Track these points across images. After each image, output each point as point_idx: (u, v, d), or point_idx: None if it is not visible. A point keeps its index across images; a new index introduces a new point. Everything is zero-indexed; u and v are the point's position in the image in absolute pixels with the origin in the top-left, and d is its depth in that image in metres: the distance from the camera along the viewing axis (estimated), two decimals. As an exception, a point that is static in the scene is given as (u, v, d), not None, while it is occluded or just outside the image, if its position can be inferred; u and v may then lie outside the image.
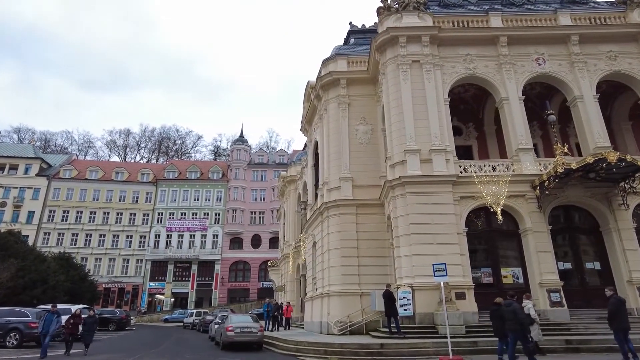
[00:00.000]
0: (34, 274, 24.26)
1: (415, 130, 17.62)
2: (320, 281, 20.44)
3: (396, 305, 14.97)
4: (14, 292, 22.36)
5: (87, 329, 14.51)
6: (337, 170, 20.80)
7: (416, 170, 16.95)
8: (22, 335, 17.18)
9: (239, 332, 15.97)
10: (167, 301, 54.67)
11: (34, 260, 25.54)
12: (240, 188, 60.16)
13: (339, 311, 18.27)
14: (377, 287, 18.17)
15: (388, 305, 14.74)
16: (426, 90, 18.37)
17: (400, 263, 16.27)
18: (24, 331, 17.25)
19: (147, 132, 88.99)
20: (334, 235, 19.63)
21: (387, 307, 14.78)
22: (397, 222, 16.79)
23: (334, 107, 22.04)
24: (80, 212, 56.26)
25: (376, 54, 20.12)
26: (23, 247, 26.59)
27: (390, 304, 14.72)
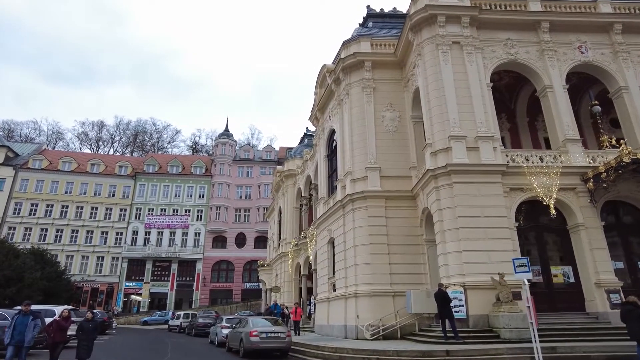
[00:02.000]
0: (8, 271, 21.20)
1: (458, 115, 16.16)
2: (341, 280, 18.61)
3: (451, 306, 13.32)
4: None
5: (84, 338, 10.23)
6: (362, 160, 19.07)
7: (462, 158, 15.47)
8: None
9: (265, 338, 13.94)
10: (144, 302, 51.26)
11: (7, 254, 22.43)
12: (225, 184, 57.45)
13: (369, 313, 16.50)
14: (410, 287, 16.64)
15: (442, 306, 13.10)
16: (468, 73, 16.98)
17: (446, 260, 14.69)
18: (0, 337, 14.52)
19: (122, 125, 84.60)
20: (361, 230, 17.86)
21: (441, 309, 13.16)
22: (441, 215, 15.23)
23: (358, 91, 20.32)
24: (51, 206, 52.04)
25: (409, 33, 18.57)
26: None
27: (445, 305, 13.08)
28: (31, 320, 9.58)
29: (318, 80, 24.59)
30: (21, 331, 9.39)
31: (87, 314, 11.03)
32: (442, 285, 13.70)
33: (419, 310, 16.03)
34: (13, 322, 9.51)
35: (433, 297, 16.04)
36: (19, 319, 9.59)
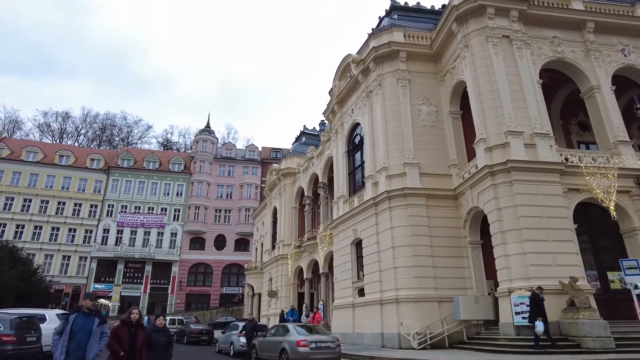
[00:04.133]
0: (-18, 268, 18.21)
1: (513, 110, 15.30)
2: (374, 285, 17.20)
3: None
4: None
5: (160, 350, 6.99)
6: (398, 155, 17.83)
7: (522, 155, 14.57)
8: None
9: (315, 348, 12.26)
10: (114, 306, 47.46)
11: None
12: (205, 183, 54.69)
13: (414, 321, 15.18)
14: (455, 292, 15.55)
15: (536, 311, 11.89)
16: (519, 68, 16.23)
17: (507, 262, 13.65)
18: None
19: (89, 118, 79.26)
20: (400, 230, 16.57)
21: (535, 314, 11.92)
22: (499, 215, 14.21)
23: (392, 82, 19.13)
24: (12, 199, 47.41)
25: (453, 24, 17.63)
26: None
27: (539, 310, 11.88)
28: (97, 325, 6.23)
29: (338, 72, 23.21)
30: (82, 342, 6.04)
31: (158, 321, 7.34)
32: (537, 287, 12.37)
33: (468, 316, 14.95)
34: (69, 327, 6.05)
35: (481, 303, 15.11)
36: (79, 321, 6.14)
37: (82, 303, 6.39)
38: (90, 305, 6.36)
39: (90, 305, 6.36)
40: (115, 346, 6.29)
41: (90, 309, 6.32)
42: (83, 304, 6.36)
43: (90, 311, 6.31)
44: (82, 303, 6.43)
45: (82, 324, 6.17)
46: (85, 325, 6.19)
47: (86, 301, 6.43)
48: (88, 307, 6.34)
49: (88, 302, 6.39)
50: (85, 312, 6.27)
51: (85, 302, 6.41)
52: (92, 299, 6.49)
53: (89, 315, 6.29)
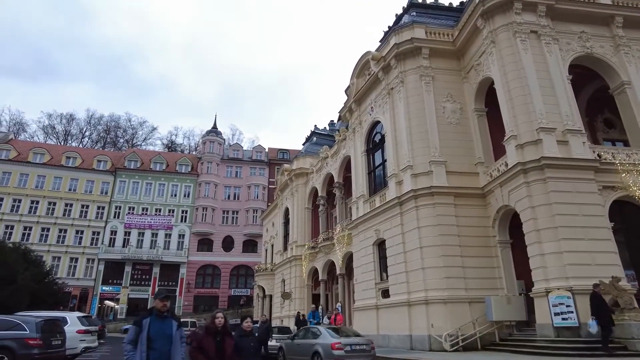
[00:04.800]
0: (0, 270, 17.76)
1: (544, 107, 14.97)
2: (401, 286, 16.83)
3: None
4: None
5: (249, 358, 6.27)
6: (423, 153, 17.50)
7: (555, 151, 14.24)
8: (14, 358, 11.53)
9: (350, 351, 11.92)
10: (121, 308, 47.11)
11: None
12: (212, 184, 54.33)
13: (445, 322, 14.82)
14: (486, 293, 15.22)
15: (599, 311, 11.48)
16: (549, 64, 15.91)
17: (543, 262, 13.29)
18: (18, 352, 11.57)
19: (93, 120, 78.99)
20: (428, 230, 16.22)
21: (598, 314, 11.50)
22: (533, 213, 13.86)
23: (415, 79, 18.81)
24: (19, 201, 47.07)
25: (479, 20, 17.30)
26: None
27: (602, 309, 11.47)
28: (176, 327, 5.38)
29: (356, 70, 22.88)
30: (163, 351, 5.13)
31: (245, 324, 6.46)
32: (598, 286, 11.98)
33: (500, 317, 14.62)
34: (145, 334, 5.09)
35: (513, 304, 14.76)
36: (156, 326, 5.20)
37: (154, 304, 5.43)
38: (162, 306, 5.34)
39: (161, 306, 5.34)
40: (200, 357, 5.50)
41: (162, 310, 5.33)
42: (154, 306, 5.40)
43: (163, 313, 5.33)
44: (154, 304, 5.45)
45: (159, 329, 5.17)
46: (163, 330, 5.20)
47: (156, 302, 5.42)
48: (160, 309, 5.33)
49: (158, 303, 5.37)
50: (158, 314, 5.31)
51: (156, 302, 5.41)
52: (162, 299, 5.40)
53: (164, 317, 5.32)
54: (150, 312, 5.38)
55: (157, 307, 5.38)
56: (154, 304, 5.44)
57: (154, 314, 5.34)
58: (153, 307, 5.41)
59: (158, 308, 5.36)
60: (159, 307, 5.37)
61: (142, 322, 5.19)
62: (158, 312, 5.33)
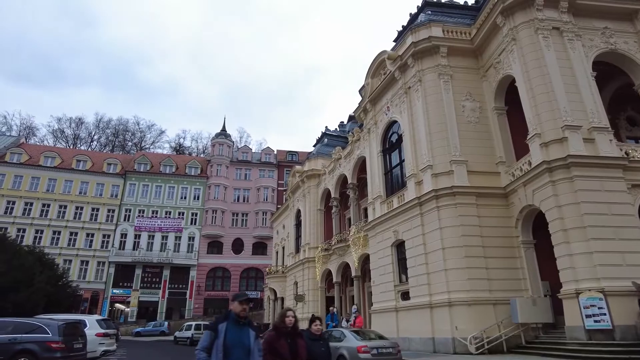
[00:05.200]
0: (18, 273, 17.73)
1: (568, 104, 14.67)
2: (422, 288, 16.55)
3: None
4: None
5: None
6: (443, 152, 17.24)
7: (581, 149, 13.92)
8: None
9: (377, 355, 11.68)
10: (132, 311, 47.08)
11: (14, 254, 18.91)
12: (222, 186, 54.26)
13: (469, 324, 14.53)
14: (510, 294, 14.92)
15: None
16: (572, 61, 15.59)
17: (571, 262, 12.97)
18: (41, 355, 11.44)
19: (101, 124, 79.39)
20: (450, 231, 15.93)
21: None
22: (560, 212, 13.55)
23: (433, 77, 18.57)
24: (30, 204, 47.26)
25: (499, 17, 17.04)
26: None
27: None
28: (254, 337, 4.52)
29: (371, 69, 22.67)
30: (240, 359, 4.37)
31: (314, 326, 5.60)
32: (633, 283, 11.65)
33: (526, 319, 14.30)
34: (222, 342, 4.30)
35: (539, 305, 14.45)
36: (233, 333, 4.39)
37: (231, 307, 4.58)
38: (241, 310, 4.47)
39: (240, 310, 4.47)
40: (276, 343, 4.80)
41: (242, 315, 4.47)
42: (231, 309, 4.54)
43: (242, 319, 4.48)
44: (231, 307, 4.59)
45: (237, 338, 4.35)
46: (241, 340, 4.38)
47: (234, 305, 4.53)
48: (239, 314, 4.47)
49: (237, 307, 4.49)
50: (236, 320, 4.46)
51: (234, 306, 4.53)
52: (242, 301, 4.51)
53: (242, 324, 4.47)
54: (226, 316, 4.52)
55: (235, 311, 4.49)
56: (232, 307, 4.56)
57: (230, 318, 4.46)
58: (230, 311, 4.57)
59: (237, 312, 4.48)
60: (237, 311, 4.48)
61: (218, 328, 4.40)
62: (236, 317, 4.46)
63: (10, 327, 12.05)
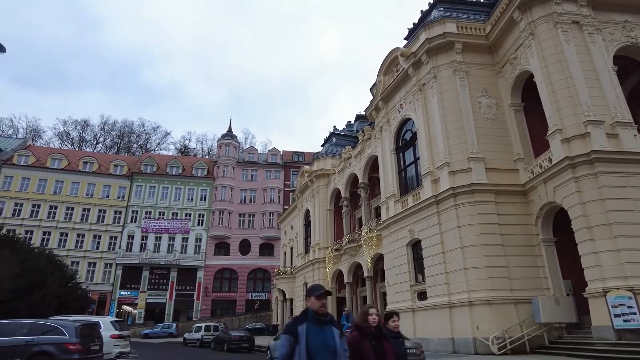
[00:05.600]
0: (31, 274, 17.56)
1: (590, 99, 14.37)
2: (440, 287, 16.26)
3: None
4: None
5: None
6: (461, 149, 16.97)
7: (604, 145, 13.62)
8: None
9: (400, 353, 11.35)
10: (139, 313, 46.93)
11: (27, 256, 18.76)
12: (228, 187, 54.10)
13: (490, 324, 14.22)
14: (532, 293, 14.61)
15: None
16: (593, 55, 15.30)
17: (597, 260, 12.66)
18: (58, 357, 11.22)
19: (107, 126, 79.48)
20: (469, 229, 15.65)
21: None
22: (584, 209, 13.26)
23: (448, 74, 18.30)
24: (38, 206, 47.25)
25: (516, 12, 16.77)
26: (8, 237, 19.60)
27: None
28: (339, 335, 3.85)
29: (383, 67, 22.42)
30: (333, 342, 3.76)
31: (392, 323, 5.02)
32: None
33: (549, 319, 13.98)
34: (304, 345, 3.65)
35: (562, 305, 14.15)
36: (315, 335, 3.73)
37: (308, 304, 3.88)
38: (320, 306, 3.81)
39: (319, 306, 3.81)
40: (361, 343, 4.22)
41: (321, 312, 3.81)
42: (309, 306, 3.86)
43: (322, 316, 3.80)
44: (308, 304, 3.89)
45: (320, 339, 3.69)
46: (326, 341, 3.71)
47: (311, 300, 3.85)
48: (318, 311, 3.80)
49: (315, 303, 3.82)
50: (315, 318, 3.79)
51: (311, 302, 3.85)
52: (319, 296, 3.84)
53: (323, 323, 3.80)
54: (304, 316, 3.84)
55: (314, 308, 3.82)
56: (309, 304, 3.87)
57: (310, 318, 3.79)
58: (307, 309, 3.89)
59: (315, 309, 3.81)
60: (316, 307, 3.81)
61: (297, 330, 3.71)
62: (315, 315, 3.80)
63: (25, 328, 11.86)
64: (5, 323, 11.93)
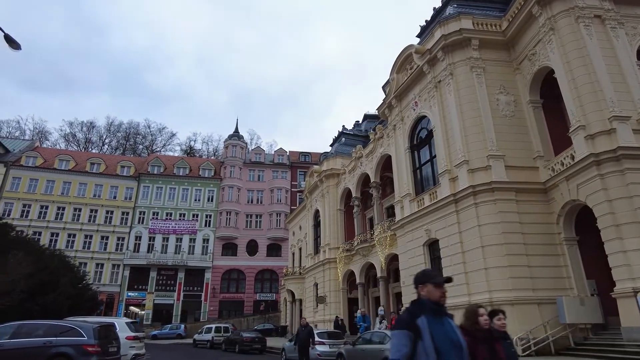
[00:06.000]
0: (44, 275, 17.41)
1: (615, 94, 14.06)
2: (460, 287, 15.85)
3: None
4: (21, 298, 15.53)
5: None
6: (479, 147, 16.67)
7: (631, 141, 13.30)
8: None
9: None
10: (147, 314, 46.79)
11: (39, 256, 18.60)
12: (235, 188, 53.93)
13: (513, 325, 13.79)
14: (555, 294, 14.26)
15: None
16: (616, 50, 15.00)
17: (626, 259, 12.34)
18: (76, 359, 11.03)
19: (112, 127, 79.55)
20: (490, 228, 15.34)
21: None
22: (610, 207, 12.94)
23: (465, 71, 18.02)
24: (46, 207, 47.24)
25: (535, 7, 16.46)
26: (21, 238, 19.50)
27: None
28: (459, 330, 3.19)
29: (396, 64, 22.16)
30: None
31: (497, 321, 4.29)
32: None
33: (574, 320, 13.66)
34: (430, 342, 2.88)
35: (587, 305, 13.82)
36: (439, 330, 2.95)
37: (422, 293, 3.11)
38: (440, 295, 3.08)
39: (440, 295, 3.08)
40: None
41: (442, 302, 3.09)
42: (424, 296, 3.09)
43: (442, 307, 3.09)
44: (422, 293, 3.12)
45: (445, 335, 2.96)
46: (450, 336, 2.99)
47: (428, 289, 3.08)
48: (438, 301, 3.07)
49: (434, 291, 3.07)
50: (434, 309, 3.04)
51: (427, 290, 3.09)
52: (439, 283, 3.09)
53: (442, 315, 3.07)
54: (419, 306, 3.06)
55: (432, 297, 3.07)
56: (423, 293, 3.11)
57: (427, 309, 3.02)
58: (419, 300, 3.13)
59: (435, 299, 3.07)
60: (436, 297, 3.07)
61: (417, 323, 2.95)
62: (435, 306, 3.05)
63: (42, 329, 11.70)
64: (22, 324, 11.75)
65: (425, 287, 3.11)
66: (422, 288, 3.13)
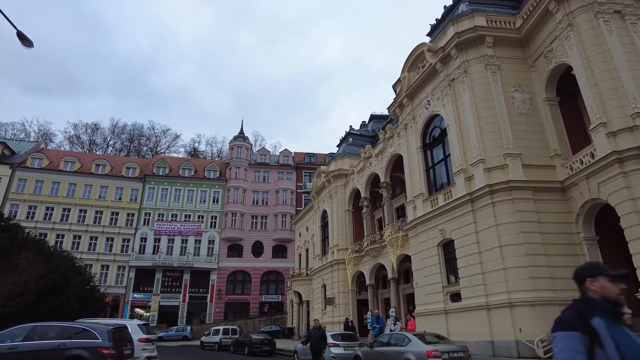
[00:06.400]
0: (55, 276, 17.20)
1: (637, 91, 13.77)
2: (476, 288, 15.67)
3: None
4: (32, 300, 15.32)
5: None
6: (495, 145, 16.40)
7: (654, 139, 13.00)
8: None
9: (448, 359, 10.83)
10: (152, 316, 46.57)
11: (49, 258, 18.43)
12: (241, 189, 53.74)
13: (533, 326, 13.63)
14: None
15: None
16: (637, 45, 14.69)
17: (652, 260, 12.04)
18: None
19: (117, 129, 79.56)
20: (508, 228, 15.06)
21: None
22: (635, 205, 12.63)
23: (479, 69, 17.75)
24: (51, 209, 47.15)
25: (551, 3, 16.19)
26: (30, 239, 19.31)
27: None
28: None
29: (408, 63, 21.91)
30: None
31: None
32: None
33: (596, 322, 13.25)
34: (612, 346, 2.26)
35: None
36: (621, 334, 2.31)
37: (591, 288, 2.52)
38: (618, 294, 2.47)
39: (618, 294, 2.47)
40: None
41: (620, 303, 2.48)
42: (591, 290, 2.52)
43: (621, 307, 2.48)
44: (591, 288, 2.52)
45: (634, 346, 2.30)
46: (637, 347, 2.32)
47: (600, 283, 2.49)
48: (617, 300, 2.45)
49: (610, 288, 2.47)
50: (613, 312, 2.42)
51: (599, 285, 2.49)
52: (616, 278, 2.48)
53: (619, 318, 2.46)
54: (589, 306, 2.45)
55: (607, 295, 2.45)
56: (595, 288, 2.51)
57: (600, 309, 2.40)
58: (586, 298, 2.53)
59: (612, 298, 2.45)
60: (612, 295, 2.45)
61: (594, 325, 2.33)
62: (611, 306, 2.42)
63: (55, 331, 11.47)
64: (35, 326, 11.54)
65: (597, 282, 2.49)
66: (592, 282, 2.52)
